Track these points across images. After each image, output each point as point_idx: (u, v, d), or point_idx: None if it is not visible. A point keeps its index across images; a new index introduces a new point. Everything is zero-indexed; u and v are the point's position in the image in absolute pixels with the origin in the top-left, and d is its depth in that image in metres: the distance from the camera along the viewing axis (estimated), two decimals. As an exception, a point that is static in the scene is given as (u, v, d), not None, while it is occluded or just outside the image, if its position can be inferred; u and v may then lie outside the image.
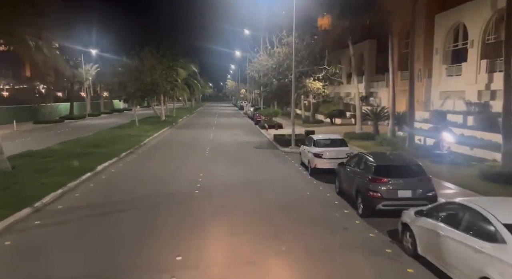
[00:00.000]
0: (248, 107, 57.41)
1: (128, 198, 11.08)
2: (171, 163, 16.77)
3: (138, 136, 25.47)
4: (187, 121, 44.44)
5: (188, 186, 12.45)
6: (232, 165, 16.28)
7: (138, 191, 11.90)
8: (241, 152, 20.36)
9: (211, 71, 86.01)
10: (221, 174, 14.25)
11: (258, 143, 23.90)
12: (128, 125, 34.69)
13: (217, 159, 17.92)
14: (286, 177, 13.98)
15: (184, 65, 45.80)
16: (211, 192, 11.69)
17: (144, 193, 11.64)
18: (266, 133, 29.72)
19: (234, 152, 20.12)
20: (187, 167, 15.64)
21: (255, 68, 23.65)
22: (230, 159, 17.84)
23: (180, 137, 27.33)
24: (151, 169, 15.48)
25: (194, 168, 15.32)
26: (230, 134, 29.71)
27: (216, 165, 16.18)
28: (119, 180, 13.49)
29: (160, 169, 15.38)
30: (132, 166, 16.04)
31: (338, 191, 11.37)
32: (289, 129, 32.76)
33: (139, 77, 31.75)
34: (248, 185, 12.59)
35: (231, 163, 16.79)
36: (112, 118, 50.24)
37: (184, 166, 15.87)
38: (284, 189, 12.21)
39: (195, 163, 16.69)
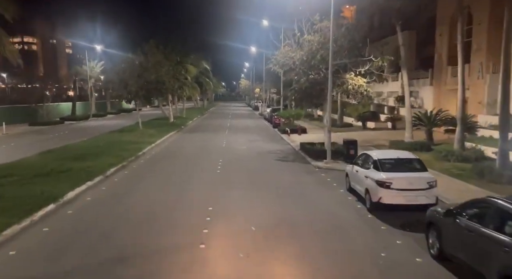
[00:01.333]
0: (264, 108, 53.02)
1: (89, 265, 6.85)
2: (171, 186, 12.51)
3: (138, 143, 21.39)
4: (198, 123, 40.33)
5: (188, 238, 7.97)
6: (253, 190, 11.94)
7: (111, 249, 7.48)
8: (263, 167, 16.02)
9: (223, 69, 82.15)
10: (239, 211, 9.89)
11: (282, 153, 19.54)
12: (131, 128, 30.72)
13: (232, 179, 13.61)
14: (335, 216, 9.50)
15: (195, 61, 41.74)
16: (225, 254, 7.38)
17: (118, 253, 7.35)
18: (288, 139, 25.33)
19: (253, 168, 15.80)
20: (190, 195, 11.30)
21: (278, 62, 19.35)
22: (249, 180, 13.51)
23: (188, 145, 23.14)
24: (140, 198, 11.19)
25: (200, 198, 11.00)
26: (246, 140, 25.41)
27: (230, 190, 11.85)
28: (88, 222, 9.03)
29: (154, 198, 11.09)
30: (115, 193, 11.66)
31: (436, 254, 6.87)
32: (315, 134, 28.30)
33: (142, 74, 27.73)
34: (281, 236, 8.06)
35: (251, 187, 12.44)
36: (118, 119, 46.56)
37: (187, 194, 11.56)
38: (339, 243, 7.79)
39: (203, 187, 12.39)
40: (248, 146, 22.27)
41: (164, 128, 30.58)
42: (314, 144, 19.29)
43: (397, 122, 28.41)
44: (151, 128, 30.28)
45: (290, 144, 22.94)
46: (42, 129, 33.83)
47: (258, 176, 14.03)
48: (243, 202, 10.51)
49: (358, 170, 10.53)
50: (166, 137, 26.04)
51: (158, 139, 24.31)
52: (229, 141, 24.51)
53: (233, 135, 28.23)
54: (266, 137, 27.12)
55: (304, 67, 17.37)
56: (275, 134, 29.17)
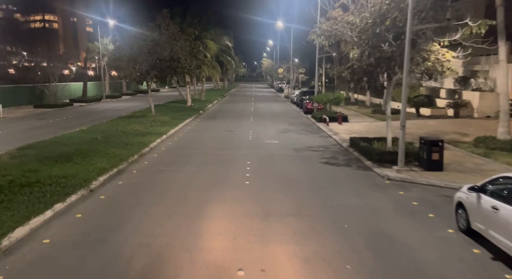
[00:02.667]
0: (291, 90, 48.17)
1: None
2: (178, 217, 8.29)
3: (145, 135, 17.35)
4: (218, 108, 36.06)
5: None
6: (306, 235, 7.55)
7: None
8: (307, 176, 11.65)
9: (244, 48, 76.34)
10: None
11: (326, 152, 15.09)
12: (142, 113, 26.79)
13: (267, 202, 9.30)
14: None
15: (215, 37, 37.11)
16: None
17: None
18: (327, 129, 20.77)
19: (294, 178, 11.45)
20: (207, 246, 7.05)
21: (324, 32, 14.71)
22: (294, 205, 9.14)
23: (206, 137, 18.94)
24: (130, 242, 7.14)
25: (222, 254, 6.81)
26: (276, 130, 21.01)
27: (267, 234, 7.39)
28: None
29: (152, 242, 7.00)
30: (91, 232, 7.56)
31: None
32: (359, 123, 23.37)
33: (154, 50, 23.44)
34: None
35: (301, 224, 8.02)
36: (133, 101, 42.88)
37: (201, 239, 7.37)
38: None
39: (226, 221, 8.13)
40: (281, 140, 17.90)
41: (180, 114, 26.48)
42: (370, 140, 14.73)
43: (461, 109, 23.37)
44: (165, 114, 26.26)
45: (332, 137, 18.41)
46: (46, 112, 30.38)
47: (305, 195, 9.67)
48: (292, 265, 6.20)
49: (500, 207, 6.02)
50: (181, 126, 21.90)
51: (171, 128, 20.21)
52: (256, 132, 20.17)
53: (260, 123, 23.86)
54: (300, 127, 22.62)
55: (366, 37, 12.62)
56: (309, 123, 24.61)
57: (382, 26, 11.93)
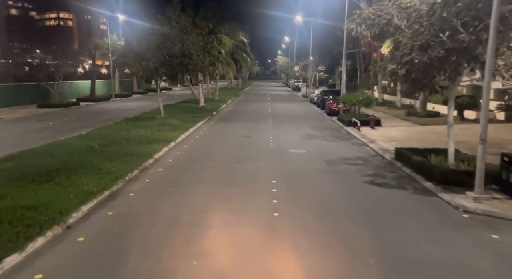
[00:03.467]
0: (310, 89, 45.34)
1: None
2: (184, 271, 5.83)
3: (150, 142, 14.90)
4: (233, 108, 33.52)
5: None
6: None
7: None
8: (352, 203, 8.98)
9: (257, 46, 73.10)
10: None
11: (367, 166, 12.36)
12: (151, 115, 24.45)
13: (306, 251, 6.72)
14: None
15: (230, 32, 34.54)
16: None
17: None
18: (359, 135, 18.01)
19: (336, 205, 8.81)
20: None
21: (366, 20, 12.00)
22: (344, 254, 6.58)
23: (220, 146, 16.40)
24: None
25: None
26: (300, 135, 18.34)
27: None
28: None
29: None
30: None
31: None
32: (395, 128, 20.14)
33: (164, 46, 21.02)
34: None
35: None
36: (144, 100, 40.73)
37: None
38: None
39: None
40: (308, 148, 15.23)
41: (191, 116, 24.03)
42: (421, 151, 11.94)
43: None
44: (175, 115, 23.84)
45: (369, 146, 15.64)
46: (49, 112, 28.35)
47: (357, 236, 7.01)
48: None
49: None
50: (192, 131, 19.41)
51: (180, 133, 17.74)
52: (277, 138, 17.55)
53: (280, 127, 21.21)
54: (326, 131, 19.89)
55: (429, 23, 9.83)
56: (335, 126, 21.85)
57: (453, 7, 9.12)
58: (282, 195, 9.31)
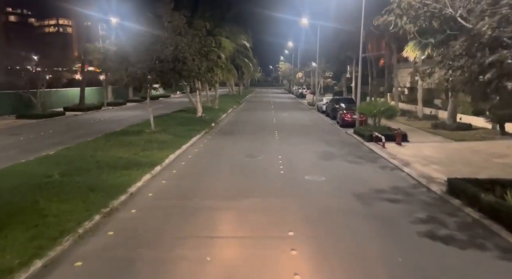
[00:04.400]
0: (317, 96, 42.26)
1: None
2: None
3: (129, 167, 11.77)
4: (233, 118, 30.43)
5: None
6: None
7: None
8: (412, 276, 5.84)
9: (258, 52, 69.52)
10: None
11: (414, 205, 9.17)
12: (139, 128, 21.38)
13: None
14: None
15: (231, 35, 31.58)
16: None
17: None
18: (387, 154, 14.84)
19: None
20: None
21: (408, 10, 9.01)
22: None
23: (217, 171, 13.26)
24: None
25: None
26: (315, 154, 15.19)
27: None
28: None
29: None
30: None
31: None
32: (424, 143, 16.73)
33: (153, 49, 18.04)
34: None
35: None
36: (137, 109, 37.69)
37: None
38: None
39: None
40: (328, 174, 12.08)
41: (186, 129, 20.93)
42: (483, 183, 8.80)
43: None
44: (167, 128, 20.77)
45: (403, 170, 12.46)
46: (27, 124, 25.30)
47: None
48: None
49: None
50: (185, 148, 16.27)
51: (170, 152, 14.62)
52: (287, 158, 14.40)
53: (289, 142, 18.10)
54: (344, 148, 16.73)
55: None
56: (353, 142, 18.69)
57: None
58: (305, 260, 6.17)
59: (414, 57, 20.35)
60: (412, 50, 20.14)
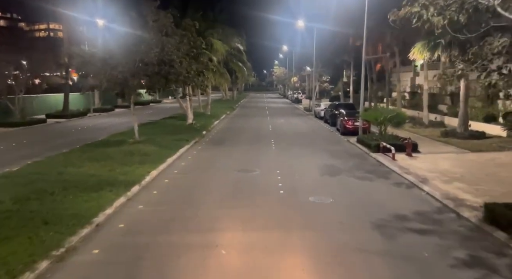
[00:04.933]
0: (313, 101, 40.62)
1: None
2: None
3: (101, 188, 9.88)
4: (227, 125, 28.62)
5: None
6: None
7: None
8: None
9: (252, 56, 67.24)
10: None
11: (447, 239, 7.38)
12: (123, 137, 19.49)
13: None
14: None
15: (224, 37, 29.85)
16: None
17: None
18: (398, 168, 13.11)
19: None
20: None
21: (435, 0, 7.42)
22: None
23: (205, 191, 11.44)
24: None
25: None
26: (317, 168, 13.42)
27: None
28: None
29: None
30: None
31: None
32: (436, 155, 14.78)
33: (137, 50, 16.23)
34: None
35: None
36: (126, 116, 35.60)
37: None
38: None
39: None
40: (335, 194, 10.30)
41: (174, 138, 19.09)
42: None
43: None
44: (153, 137, 18.93)
45: (422, 189, 10.72)
46: (1, 133, 23.26)
47: None
48: None
49: None
50: (171, 162, 14.39)
51: (153, 167, 12.76)
52: (287, 173, 12.61)
53: (287, 153, 16.33)
54: (350, 161, 14.96)
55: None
56: (358, 152, 16.96)
57: None
58: None
59: (422, 59, 18.73)
60: (419, 51, 18.56)
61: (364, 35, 19.22)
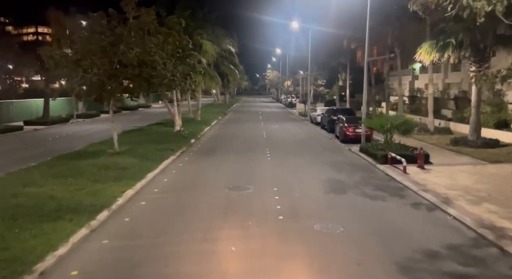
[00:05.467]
0: (309, 105, 39.01)
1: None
2: None
3: (59, 216, 8.00)
4: (217, 132, 26.78)
5: None
6: None
7: None
8: None
9: (245, 59, 64.90)
10: None
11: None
12: (102, 147, 17.58)
13: None
14: None
15: (215, 39, 28.09)
16: None
17: None
18: (414, 184, 11.39)
19: None
20: None
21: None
22: None
23: (191, 215, 9.65)
24: None
25: None
26: (321, 186, 11.66)
27: None
28: None
29: None
30: None
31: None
32: (459, 169, 12.73)
33: (114, 51, 14.42)
34: None
35: None
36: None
37: None
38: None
39: None
40: (344, 219, 8.55)
41: (159, 147, 17.22)
42: None
43: None
44: (135, 147, 17.08)
45: (448, 213, 8.97)
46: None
47: None
48: None
49: None
50: (150, 178, 12.47)
51: (128, 185, 10.89)
52: (285, 191, 10.84)
53: (285, 166, 14.58)
54: (356, 175, 13.24)
55: None
56: (364, 164, 15.23)
57: None
58: None
59: (430, 60, 17.14)
60: (427, 52, 16.99)
61: (366, 34, 17.60)
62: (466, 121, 22.26)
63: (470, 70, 17.07)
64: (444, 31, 16.62)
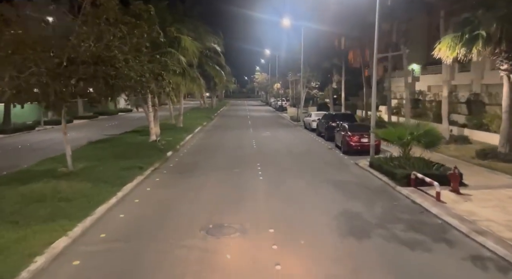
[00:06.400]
0: (301, 109, 35.89)
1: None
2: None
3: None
4: (200, 142, 23.44)
5: None
6: None
7: None
8: None
9: (232, 61, 60.86)
10: None
11: None
12: (53, 165, 14.15)
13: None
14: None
15: (197, 36, 24.81)
16: None
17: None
18: (460, 222, 8.30)
19: None
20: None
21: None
22: None
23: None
24: None
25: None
26: (333, 228, 8.49)
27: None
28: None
29: None
30: None
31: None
32: (504, 194, 10.36)
33: (62, 45, 11.12)
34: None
35: None
36: (84, 129, 30.22)
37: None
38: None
39: None
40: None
41: (125, 164, 13.87)
42: None
43: None
44: (95, 164, 13.75)
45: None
46: None
47: None
48: None
49: None
50: (99, 215, 9.04)
51: (61, 231, 7.53)
52: (286, 238, 7.67)
53: (281, 190, 11.44)
54: (375, 205, 10.15)
55: None
56: (380, 186, 12.14)
57: None
58: None
59: (453, 56, 14.23)
60: (449, 46, 14.07)
61: (376, 26, 14.63)
62: (485, 128, 19.52)
63: (501, 68, 14.25)
64: (471, 21, 13.77)
